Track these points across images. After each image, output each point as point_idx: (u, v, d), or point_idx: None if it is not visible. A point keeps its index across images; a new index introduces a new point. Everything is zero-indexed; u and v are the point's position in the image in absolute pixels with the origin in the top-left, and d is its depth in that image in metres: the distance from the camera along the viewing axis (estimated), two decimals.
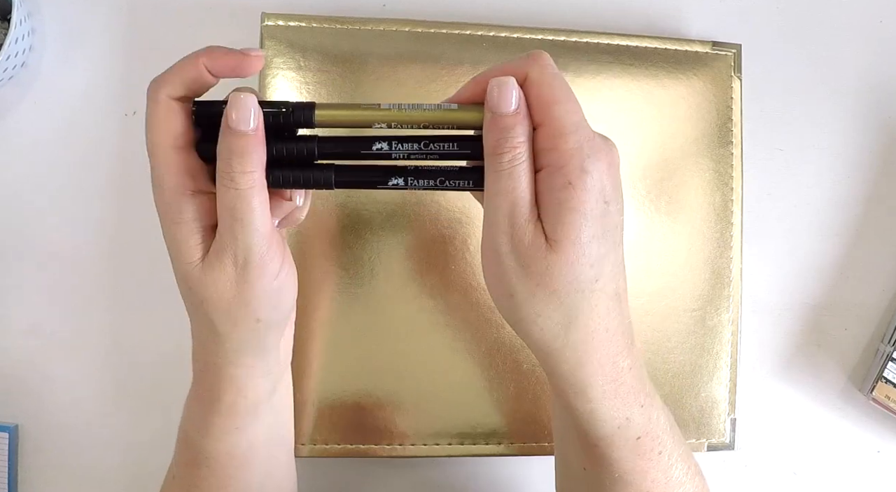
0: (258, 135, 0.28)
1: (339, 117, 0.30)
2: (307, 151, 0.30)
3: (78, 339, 0.47)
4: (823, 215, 0.53)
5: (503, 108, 0.28)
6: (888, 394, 0.50)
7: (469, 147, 0.30)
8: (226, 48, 0.29)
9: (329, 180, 0.30)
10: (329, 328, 0.44)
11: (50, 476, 0.47)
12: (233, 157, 0.27)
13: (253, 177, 0.28)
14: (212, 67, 0.28)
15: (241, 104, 0.27)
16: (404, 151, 0.30)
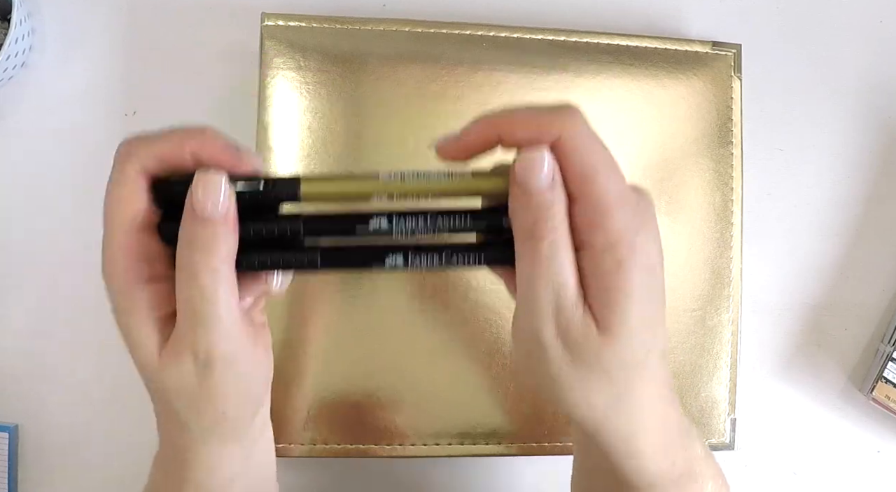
0: (228, 222, 0.24)
1: (330, 191, 0.25)
2: (290, 231, 0.25)
3: (78, 339, 0.47)
4: (823, 215, 0.53)
5: (537, 183, 0.24)
6: (888, 394, 0.50)
7: (485, 220, 0.26)
8: (223, 141, 0.25)
9: (314, 262, 0.26)
10: (329, 328, 0.44)
11: (50, 476, 0.47)
12: (195, 249, 0.24)
13: (217, 271, 0.24)
14: (199, 156, 0.25)
15: (209, 186, 0.24)
16: (407, 229, 0.25)
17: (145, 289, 0.25)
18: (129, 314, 0.26)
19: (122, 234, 0.25)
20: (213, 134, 0.25)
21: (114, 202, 0.25)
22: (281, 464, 0.41)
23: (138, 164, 0.25)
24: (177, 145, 0.25)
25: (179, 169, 0.25)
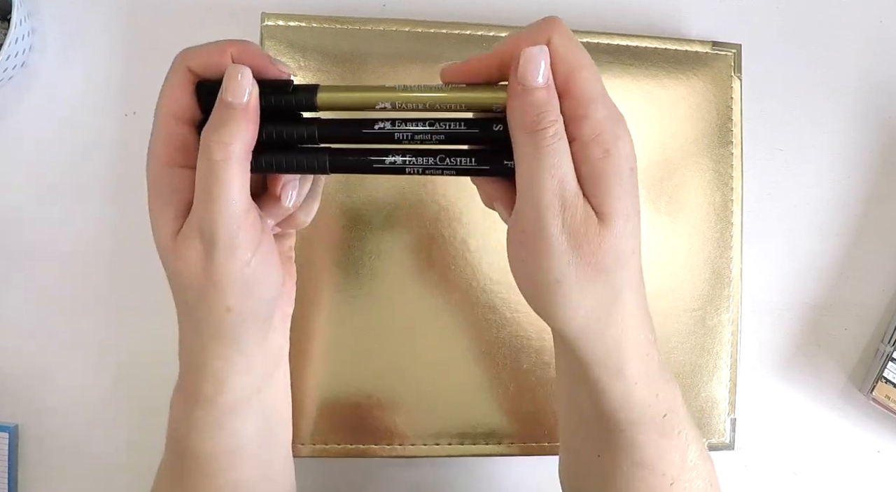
0: (248, 109, 0.27)
1: (342, 99, 0.28)
2: (307, 134, 0.29)
3: (78, 339, 0.47)
4: (823, 215, 0.53)
5: (535, 79, 0.27)
6: (888, 394, 0.50)
7: (479, 127, 0.29)
8: (258, 50, 0.28)
9: (323, 164, 0.29)
10: (329, 328, 0.44)
11: (50, 476, 0.47)
12: (214, 127, 0.27)
13: (229, 149, 0.26)
14: (238, 60, 0.28)
15: (234, 76, 0.27)
16: (408, 132, 0.28)
17: (175, 173, 0.28)
18: (156, 196, 0.28)
19: (166, 121, 0.28)
20: (251, 44, 0.28)
21: (163, 96, 0.28)
22: None
23: (188, 63, 0.28)
24: (221, 49, 0.28)
25: (220, 74, 0.28)
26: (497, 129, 0.28)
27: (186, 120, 0.28)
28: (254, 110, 0.27)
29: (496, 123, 0.28)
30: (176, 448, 0.33)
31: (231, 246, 0.27)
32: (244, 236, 0.27)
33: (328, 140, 0.29)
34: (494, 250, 0.45)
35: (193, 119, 0.28)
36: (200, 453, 0.32)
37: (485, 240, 0.45)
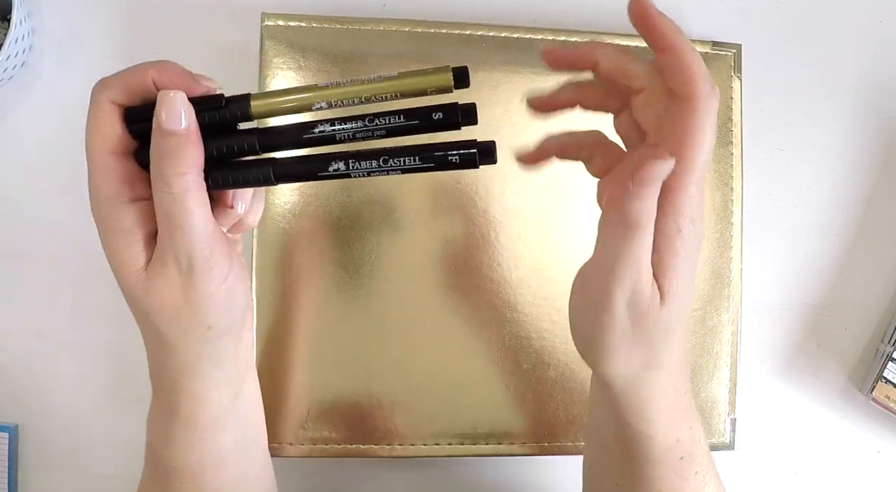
0: (190, 134, 0.27)
1: (276, 105, 0.28)
2: (247, 145, 0.28)
3: (78, 339, 0.47)
4: (823, 215, 0.53)
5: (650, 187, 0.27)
6: (888, 394, 0.50)
7: (418, 117, 0.28)
8: (180, 68, 0.28)
9: (268, 175, 0.28)
10: (329, 328, 0.44)
11: (50, 476, 0.47)
12: (164, 158, 0.26)
13: (187, 178, 0.26)
14: (159, 82, 0.27)
15: (170, 103, 0.26)
16: (349, 131, 0.28)
17: (128, 208, 0.28)
18: (115, 234, 0.28)
19: (103, 159, 0.27)
20: (171, 62, 0.28)
21: (92, 131, 0.27)
22: (281, 464, 0.41)
23: (108, 94, 0.27)
24: (138, 73, 0.27)
25: (146, 97, 0.27)
26: (436, 117, 0.28)
27: (122, 152, 0.28)
28: (195, 133, 0.27)
29: (435, 112, 0.28)
30: (156, 463, 0.33)
31: (208, 268, 0.28)
32: (218, 256, 0.28)
33: (271, 148, 0.29)
34: (495, 251, 0.46)
35: (128, 150, 0.28)
36: (182, 467, 0.32)
37: (485, 240, 0.45)
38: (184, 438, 0.31)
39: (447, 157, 0.28)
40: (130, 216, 0.28)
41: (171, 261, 0.27)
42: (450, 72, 0.28)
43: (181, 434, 0.31)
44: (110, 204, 0.27)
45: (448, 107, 0.28)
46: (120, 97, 0.27)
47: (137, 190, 0.28)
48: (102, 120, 0.27)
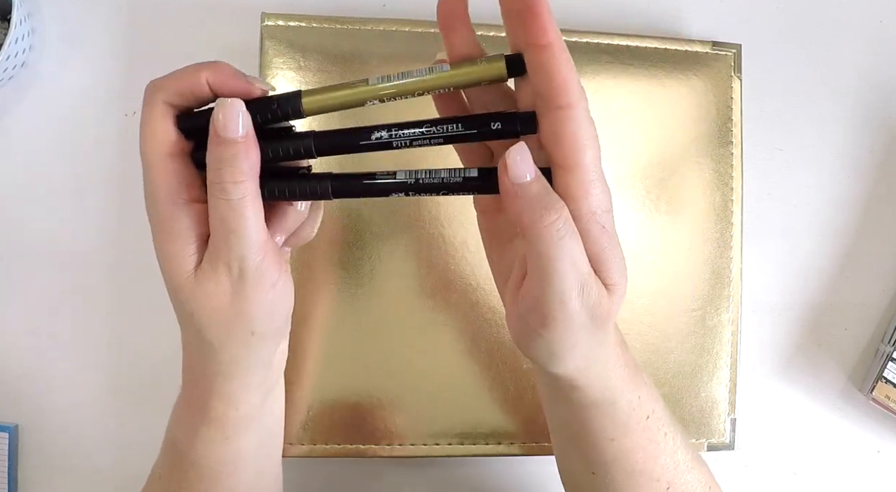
0: (248, 141, 0.27)
1: (328, 101, 0.28)
2: (304, 148, 0.28)
3: (78, 339, 0.47)
4: (823, 215, 0.53)
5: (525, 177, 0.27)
6: (888, 394, 0.50)
7: (475, 125, 0.28)
8: (234, 70, 0.28)
9: (326, 190, 0.29)
10: (329, 328, 0.44)
11: (50, 476, 0.47)
12: (223, 166, 0.27)
13: (245, 186, 0.27)
14: (213, 84, 0.27)
15: (228, 110, 0.26)
16: (406, 138, 0.28)
17: (184, 210, 0.28)
18: (169, 234, 0.28)
19: (159, 161, 0.27)
20: (224, 64, 0.28)
21: (148, 134, 0.27)
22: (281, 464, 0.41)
23: (162, 95, 0.27)
24: (193, 75, 0.27)
25: (199, 99, 0.28)
26: (495, 127, 0.28)
27: (179, 154, 0.28)
28: (253, 140, 0.27)
29: (494, 122, 0.28)
30: (175, 456, 0.34)
31: (259, 275, 0.28)
32: (269, 262, 0.28)
33: (326, 152, 0.29)
34: None
35: (184, 151, 0.28)
36: (202, 464, 0.33)
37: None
38: (210, 436, 0.32)
39: (490, 124, 0.28)
40: (186, 218, 0.28)
41: (223, 266, 0.28)
42: (503, 61, 0.28)
43: (208, 432, 0.32)
44: (167, 206, 0.28)
45: (507, 116, 0.28)
46: (174, 99, 0.27)
47: (193, 192, 0.28)
48: (157, 122, 0.27)
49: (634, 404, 0.33)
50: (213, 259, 0.28)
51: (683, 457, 0.35)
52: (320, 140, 0.28)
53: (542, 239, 0.26)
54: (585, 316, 0.28)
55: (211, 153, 0.27)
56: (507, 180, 0.27)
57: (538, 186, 0.27)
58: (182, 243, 0.28)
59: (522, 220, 0.27)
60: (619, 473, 0.33)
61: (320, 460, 0.47)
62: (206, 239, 0.28)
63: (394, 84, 0.28)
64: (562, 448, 0.38)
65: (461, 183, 0.29)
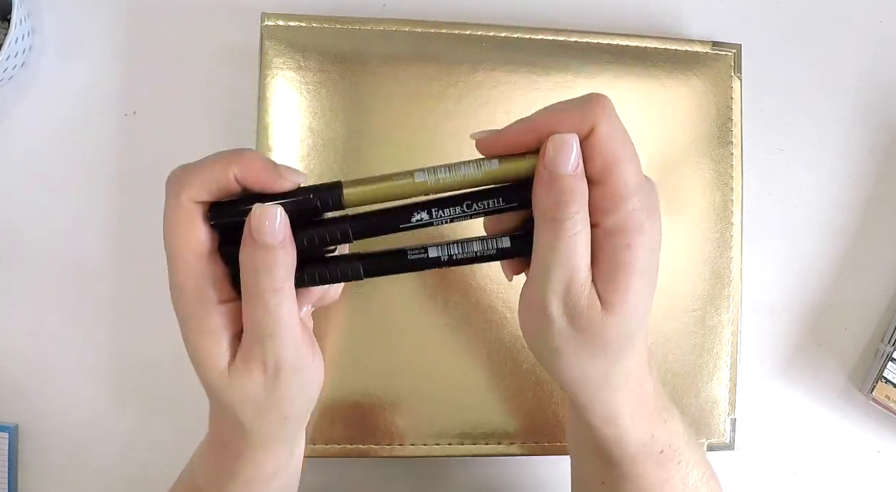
0: (286, 245, 0.26)
1: (369, 194, 0.27)
2: (340, 233, 0.27)
3: (78, 339, 0.47)
4: (823, 215, 0.53)
5: (564, 169, 0.26)
6: (888, 394, 0.50)
7: (516, 198, 0.28)
8: (264, 162, 0.27)
9: (357, 272, 0.28)
10: (329, 328, 0.44)
11: (50, 476, 0.47)
12: (260, 273, 0.26)
13: (282, 293, 0.26)
14: (242, 179, 0.26)
15: (267, 215, 0.25)
16: (446, 217, 0.27)
17: (215, 310, 0.27)
18: (199, 333, 0.27)
19: (188, 262, 0.27)
20: (253, 156, 0.27)
21: (175, 233, 0.26)
22: None
23: (189, 193, 0.26)
24: (221, 170, 0.26)
25: (228, 194, 0.27)
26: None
27: (208, 253, 0.27)
28: (290, 243, 0.26)
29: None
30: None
31: (293, 370, 0.28)
32: (304, 354, 0.28)
33: (364, 236, 0.28)
34: None
35: (213, 249, 0.27)
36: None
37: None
38: (236, 490, 0.32)
39: (530, 195, 0.27)
40: (218, 318, 0.27)
41: (258, 364, 0.27)
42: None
43: (235, 487, 0.32)
44: (196, 306, 0.27)
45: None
46: (200, 195, 0.26)
47: (224, 292, 0.27)
48: (184, 221, 0.26)
49: (645, 441, 0.32)
50: (247, 359, 0.27)
51: (695, 478, 0.34)
52: (358, 224, 0.27)
53: (553, 228, 0.26)
54: (565, 322, 0.27)
55: (246, 256, 0.26)
56: (544, 167, 0.26)
57: (573, 182, 0.26)
58: (213, 341, 0.27)
59: (543, 205, 0.26)
60: (625, 489, 0.33)
61: (320, 460, 0.47)
62: (238, 335, 0.28)
63: (440, 180, 0.27)
64: (578, 458, 0.38)
65: (495, 254, 0.28)
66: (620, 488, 0.34)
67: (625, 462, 0.32)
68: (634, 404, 0.31)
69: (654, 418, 0.32)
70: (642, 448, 0.32)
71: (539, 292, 0.28)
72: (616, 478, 0.33)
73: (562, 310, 0.27)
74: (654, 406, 0.32)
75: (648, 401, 0.32)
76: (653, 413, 0.32)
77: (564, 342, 0.28)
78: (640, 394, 0.31)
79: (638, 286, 0.27)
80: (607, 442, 0.32)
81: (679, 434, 0.34)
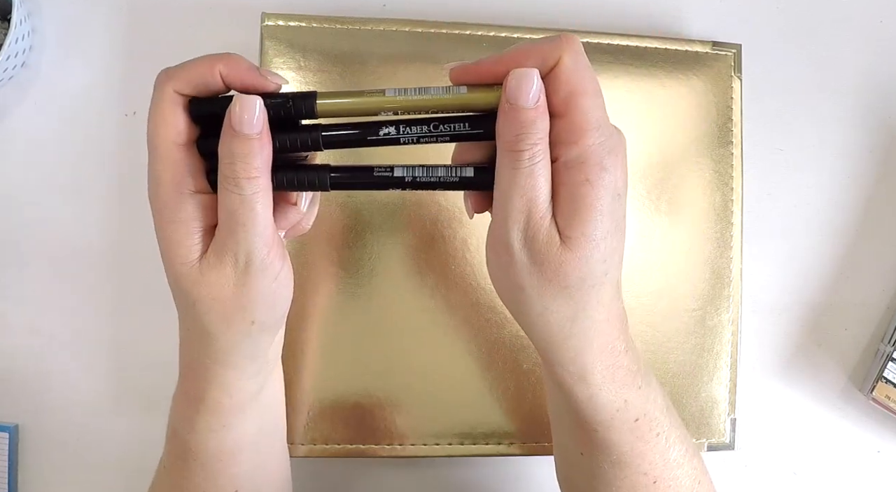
0: (263, 137, 0.27)
1: (342, 106, 0.28)
2: (311, 141, 0.29)
3: (78, 339, 0.47)
4: (823, 215, 0.53)
5: (524, 101, 0.27)
6: (888, 394, 0.50)
7: (482, 126, 0.29)
8: (248, 63, 0.28)
9: (324, 181, 0.29)
10: (329, 328, 0.44)
11: (50, 476, 0.47)
12: (236, 161, 0.27)
13: (257, 182, 0.27)
14: (227, 77, 0.28)
15: (246, 105, 0.27)
16: (413, 136, 0.29)
17: (189, 200, 0.28)
18: (172, 224, 0.28)
19: (166, 149, 0.28)
20: (238, 57, 0.28)
21: (157, 122, 0.28)
22: None
23: (174, 85, 0.27)
24: (207, 66, 0.27)
25: (211, 91, 0.28)
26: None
27: (186, 143, 0.28)
28: (267, 136, 0.27)
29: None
30: (178, 446, 0.34)
31: (263, 267, 0.28)
32: (274, 256, 0.29)
33: (334, 146, 0.29)
34: None
35: (191, 140, 0.28)
36: (204, 453, 0.33)
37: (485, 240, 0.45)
38: (207, 424, 0.32)
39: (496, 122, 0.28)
40: (191, 208, 0.28)
41: (229, 257, 0.28)
42: None
43: (205, 420, 0.32)
44: (171, 194, 0.28)
45: None
46: (185, 88, 0.28)
47: (199, 182, 0.28)
48: (167, 110, 0.27)
49: (619, 406, 0.32)
50: (219, 250, 0.28)
51: (676, 453, 0.34)
52: (328, 134, 0.29)
53: (512, 159, 0.27)
54: (526, 255, 0.28)
55: (224, 146, 0.27)
56: (505, 99, 0.27)
57: (534, 114, 0.27)
58: (186, 231, 0.28)
59: (505, 137, 0.27)
60: (604, 460, 0.33)
61: (320, 461, 0.47)
62: (211, 229, 0.28)
63: (410, 99, 0.28)
64: (555, 421, 0.37)
65: (457, 182, 0.30)
66: (597, 459, 0.33)
67: (600, 428, 0.32)
68: (606, 363, 0.31)
69: (628, 380, 0.32)
70: (616, 414, 0.32)
71: (501, 226, 0.28)
72: (593, 448, 0.33)
73: (522, 242, 0.28)
74: (628, 368, 0.32)
75: (621, 361, 0.31)
76: (626, 376, 0.31)
77: (526, 278, 0.28)
78: (611, 352, 0.31)
79: (598, 223, 0.27)
80: (580, 403, 0.31)
81: (657, 404, 0.33)
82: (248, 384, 0.32)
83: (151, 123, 0.28)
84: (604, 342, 0.31)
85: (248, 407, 0.33)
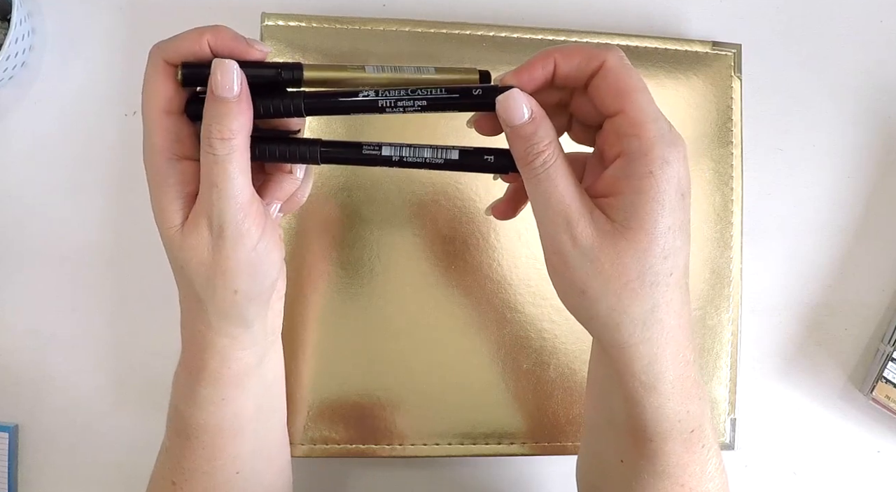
0: (241, 101, 0.28)
1: (326, 77, 0.31)
2: (293, 106, 0.30)
3: (78, 339, 0.47)
4: (823, 215, 0.53)
5: (517, 119, 0.28)
6: (888, 394, 0.50)
7: (458, 92, 0.30)
8: (234, 33, 0.29)
9: (315, 154, 0.31)
10: (329, 328, 0.44)
11: (50, 476, 0.47)
12: (212, 122, 0.28)
13: (231, 143, 0.28)
14: (214, 46, 0.29)
15: (223, 70, 0.28)
16: (391, 99, 0.30)
17: (176, 165, 0.29)
18: (161, 188, 0.29)
19: (157, 116, 0.29)
20: (225, 28, 0.29)
21: (148, 91, 0.29)
22: None
23: (166, 55, 0.29)
24: (195, 38, 0.29)
25: (200, 60, 0.29)
26: (476, 93, 0.30)
27: (176, 111, 0.29)
28: (246, 100, 0.28)
29: (475, 89, 0.30)
30: (178, 424, 0.34)
31: (238, 234, 0.29)
32: (250, 223, 0.29)
33: (315, 111, 0.31)
34: (495, 251, 0.46)
35: (181, 109, 0.30)
36: (203, 429, 0.33)
37: (485, 240, 0.45)
38: (207, 396, 0.33)
39: (471, 89, 0.30)
40: (177, 173, 0.29)
41: (204, 220, 0.29)
42: (477, 73, 0.32)
43: (205, 392, 0.32)
44: (160, 159, 0.29)
45: (488, 87, 0.30)
46: (174, 58, 0.29)
47: (187, 149, 0.29)
48: (157, 80, 0.29)
49: (681, 416, 0.31)
50: (196, 214, 0.29)
51: (712, 466, 0.33)
52: (310, 99, 0.30)
53: (530, 171, 0.28)
54: (579, 255, 0.28)
55: (206, 109, 0.28)
56: (503, 124, 0.29)
57: (532, 126, 0.28)
58: (172, 197, 0.29)
59: (518, 155, 0.29)
60: (646, 470, 0.32)
61: (320, 460, 0.47)
62: (194, 195, 0.29)
63: (387, 76, 0.30)
64: (596, 428, 0.36)
65: (442, 164, 0.31)
66: (639, 468, 0.33)
67: (657, 438, 0.31)
68: (676, 373, 0.30)
69: (692, 391, 0.31)
70: (676, 424, 0.31)
71: (546, 236, 0.29)
72: (639, 456, 0.32)
73: (571, 243, 0.28)
74: (694, 379, 0.31)
75: (689, 372, 0.31)
76: (691, 386, 0.31)
77: (585, 279, 0.28)
78: (682, 362, 0.30)
79: (659, 215, 0.27)
80: (644, 412, 0.31)
81: (707, 416, 0.33)
82: (245, 355, 0.33)
83: (144, 92, 0.29)
84: (675, 351, 0.30)
85: (247, 380, 0.33)
